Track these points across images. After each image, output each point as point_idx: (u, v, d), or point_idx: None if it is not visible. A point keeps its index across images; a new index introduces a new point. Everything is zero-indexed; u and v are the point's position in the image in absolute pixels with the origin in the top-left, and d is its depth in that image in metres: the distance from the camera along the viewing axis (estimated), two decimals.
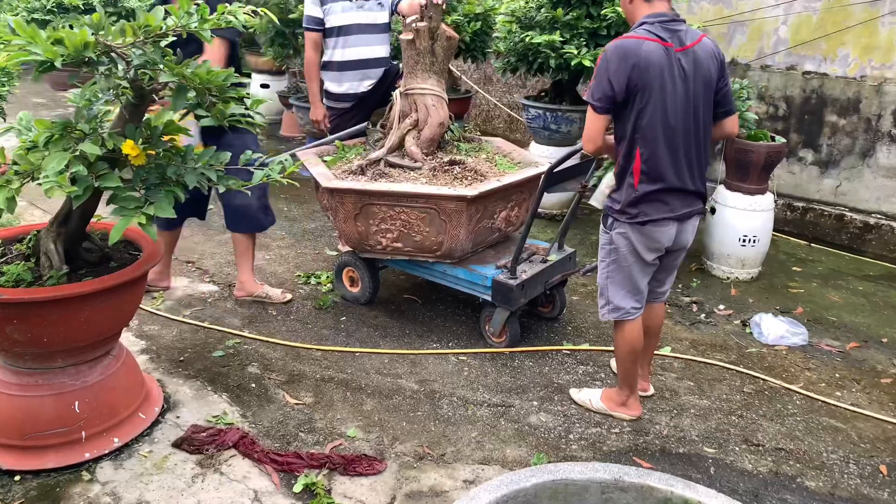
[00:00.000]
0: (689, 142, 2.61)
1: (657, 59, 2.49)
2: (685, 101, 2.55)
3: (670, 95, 2.52)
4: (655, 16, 2.57)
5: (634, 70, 2.48)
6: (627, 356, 2.92)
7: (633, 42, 2.52)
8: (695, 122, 2.59)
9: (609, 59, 2.52)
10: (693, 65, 2.55)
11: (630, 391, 3.02)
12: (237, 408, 3.06)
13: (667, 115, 2.54)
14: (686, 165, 2.63)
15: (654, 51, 2.49)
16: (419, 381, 3.29)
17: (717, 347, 3.70)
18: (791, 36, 5.39)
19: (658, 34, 2.52)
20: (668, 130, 2.56)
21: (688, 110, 2.56)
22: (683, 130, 2.58)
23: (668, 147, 2.58)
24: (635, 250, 2.74)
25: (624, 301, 2.84)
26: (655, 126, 2.54)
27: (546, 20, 4.81)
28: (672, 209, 2.66)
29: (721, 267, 4.55)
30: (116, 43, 2.15)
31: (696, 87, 2.57)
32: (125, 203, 2.32)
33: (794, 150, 5.53)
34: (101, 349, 2.76)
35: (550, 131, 5.29)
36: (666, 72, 2.50)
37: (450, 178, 3.49)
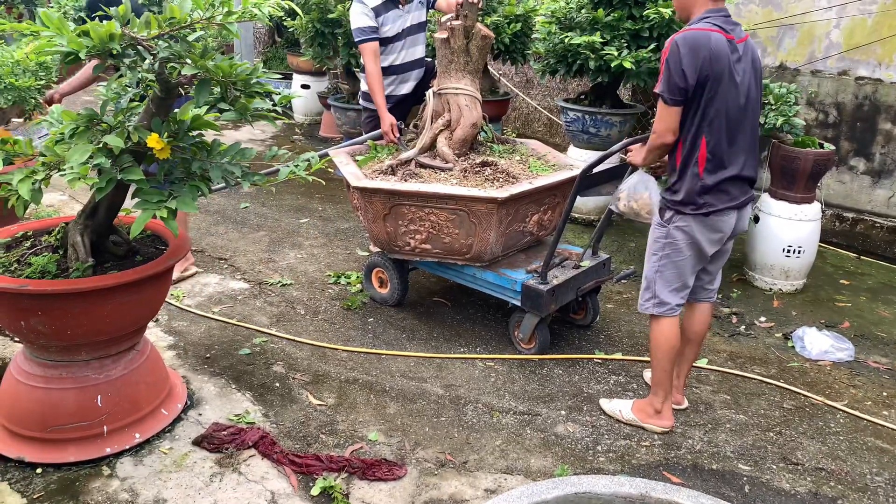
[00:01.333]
0: (747, 130, 2.66)
1: (725, 51, 2.53)
2: (745, 91, 2.60)
3: (735, 86, 2.57)
4: (716, 11, 2.60)
5: (706, 62, 2.50)
6: (666, 355, 2.83)
7: (702, 34, 2.53)
8: (752, 111, 2.66)
9: (681, 51, 2.52)
10: (749, 59, 2.62)
11: (664, 398, 2.90)
12: (259, 407, 3.03)
13: (730, 104, 2.58)
14: (745, 153, 2.66)
15: (722, 42, 2.53)
16: (444, 386, 3.22)
17: (757, 361, 3.55)
18: (844, 40, 5.18)
19: (722, 26, 2.55)
20: (731, 120, 2.60)
21: (747, 100, 2.62)
22: (743, 119, 2.63)
23: (729, 136, 2.61)
24: (695, 243, 2.70)
25: (671, 297, 2.79)
26: (721, 115, 2.58)
27: (587, 21, 4.70)
28: (733, 198, 2.68)
29: (763, 278, 4.38)
30: (142, 35, 2.13)
31: (751, 78, 2.63)
32: (148, 196, 2.30)
33: (844, 159, 5.31)
34: (125, 343, 2.75)
35: (589, 135, 5.17)
36: (732, 63, 2.55)
37: (481, 180, 3.41)
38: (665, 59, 2.56)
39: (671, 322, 2.82)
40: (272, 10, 2.17)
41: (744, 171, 2.67)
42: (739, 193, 2.69)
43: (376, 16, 4.03)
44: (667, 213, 2.75)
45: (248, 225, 5.17)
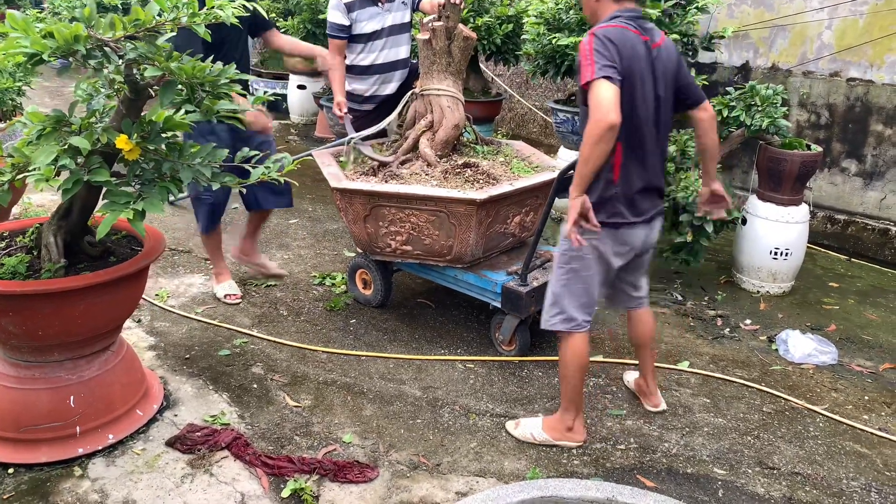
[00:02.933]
0: (657, 139, 2.54)
1: (640, 52, 2.41)
2: (655, 99, 2.48)
3: (652, 89, 2.46)
4: (628, 11, 2.47)
5: (626, 58, 2.36)
6: (577, 372, 2.73)
7: (616, 30, 2.38)
8: (664, 120, 2.54)
9: (604, 40, 2.34)
10: (663, 62, 2.49)
11: (576, 413, 2.79)
12: (236, 408, 3.03)
13: (645, 108, 2.45)
14: (656, 162, 2.57)
15: (637, 42, 2.41)
16: (423, 388, 3.21)
17: (739, 364, 3.53)
18: (836, 41, 5.15)
19: (636, 27, 2.44)
20: (646, 125, 2.48)
21: (657, 108, 2.49)
22: (657, 125, 2.51)
23: (643, 143, 2.49)
24: (603, 256, 2.62)
25: (578, 312, 2.69)
26: (637, 119, 2.43)
27: (575, 22, 4.69)
28: (643, 211, 2.60)
29: (751, 280, 4.36)
30: (107, 37, 2.12)
31: (666, 84, 2.51)
32: (116, 198, 2.30)
33: (836, 160, 5.28)
34: (99, 344, 2.75)
35: (579, 136, 5.11)
36: (645, 65, 2.42)
37: (461, 181, 3.40)
38: (590, 49, 2.33)
39: (581, 338, 2.71)
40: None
41: (654, 181, 2.59)
42: (650, 206, 2.61)
43: (349, 11, 4.05)
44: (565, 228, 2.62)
45: (233, 224, 5.17)
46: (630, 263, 2.76)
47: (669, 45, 2.55)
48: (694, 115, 2.68)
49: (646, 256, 2.83)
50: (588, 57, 2.33)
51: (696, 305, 4.15)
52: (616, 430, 2.96)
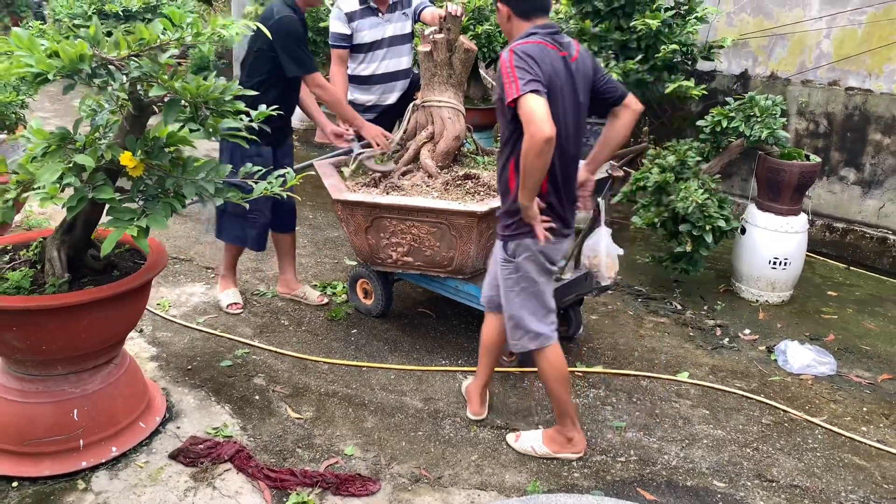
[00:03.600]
0: (574, 152, 2.58)
1: (558, 66, 2.45)
2: (576, 110, 2.52)
3: (570, 104, 2.49)
4: (544, 27, 2.50)
5: (544, 74, 2.38)
6: (559, 384, 2.76)
7: (535, 46, 2.42)
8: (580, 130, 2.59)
9: (525, 56, 2.37)
10: (582, 74, 2.53)
11: (572, 423, 2.82)
12: (238, 420, 3.04)
13: (565, 123, 2.49)
14: (574, 173, 2.62)
15: (556, 57, 2.45)
16: (424, 400, 3.23)
17: (738, 374, 3.55)
18: (834, 50, 5.17)
19: (554, 42, 2.48)
20: (567, 138, 2.51)
21: (578, 119, 2.55)
22: (575, 136, 2.56)
23: (562, 157, 2.51)
24: (542, 266, 2.66)
25: (541, 326, 2.72)
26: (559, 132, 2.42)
27: (575, 32, 4.71)
28: (567, 224, 2.67)
29: (750, 289, 4.38)
30: (112, 55, 2.14)
31: (585, 94, 2.55)
32: (120, 214, 2.32)
33: (834, 169, 5.30)
34: (102, 357, 2.77)
35: None
36: (564, 79, 2.47)
37: (462, 193, 3.42)
38: (511, 65, 2.35)
39: (553, 350, 2.74)
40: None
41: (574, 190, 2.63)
42: (570, 217, 2.67)
43: (350, 21, 4.08)
44: (510, 245, 2.64)
45: None
46: None
47: (585, 54, 2.59)
48: (616, 111, 2.67)
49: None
50: (510, 74, 2.34)
51: (695, 315, 4.17)
52: (616, 442, 2.98)
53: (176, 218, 5.26)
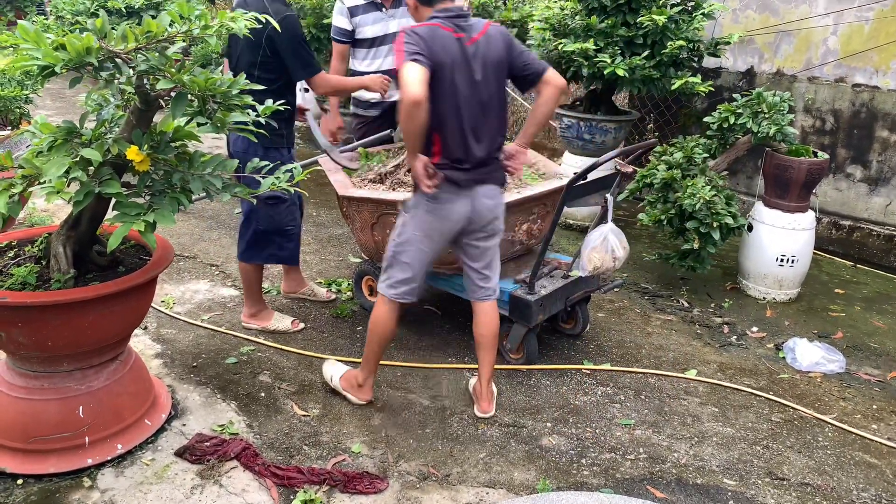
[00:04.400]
0: (482, 117, 2.70)
1: (449, 45, 2.60)
2: (472, 84, 2.64)
3: (463, 78, 2.62)
4: (443, 11, 2.67)
5: (435, 51, 2.55)
6: (378, 338, 2.97)
7: (426, 28, 2.61)
8: (488, 100, 2.69)
9: (414, 35, 2.57)
10: (483, 53, 2.65)
11: (367, 375, 3.06)
12: (244, 417, 3.02)
13: (460, 95, 2.63)
14: (478, 139, 2.71)
15: (448, 38, 2.60)
16: (431, 397, 3.21)
17: (747, 372, 3.52)
18: (841, 47, 5.15)
19: (452, 24, 2.63)
20: (463, 109, 2.65)
21: (476, 91, 2.66)
22: (477, 107, 2.67)
23: (459, 124, 2.66)
24: (427, 231, 2.79)
25: (399, 284, 2.89)
26: (448, 103, 2.62)
27: (580, 28, 4.68)
28: (462, 185, 2.73)
29: (757, 287, 4.36)
30: (119, 48, 2.12)
31: (487, 72, 2.66)
32: (126, 209, 2.30)
33: (841, 166, 5.28)
34: (107, 354, 2.75)
35: (584, 141, 5.15)
36: (457, 56, 2.61)
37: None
38: (401, 42, 2.56)
39: (392, 308, 2.93)
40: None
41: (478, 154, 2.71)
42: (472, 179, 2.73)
43: (352, 16, 4.04)
44: (409, 199, 2.85)
45: None
46: (471, 247, 2.89)
47: (494, 36, 2.69)
48: (539, 88, 2.77)
49: (490, 242, 2.89)
50: (399, 49, 2.56)
51: (702, 312, 4.15)
52: (625, 440, 2.95)
53: (179, 215, 5.27)
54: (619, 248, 3.14)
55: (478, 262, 2.93)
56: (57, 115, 8.43)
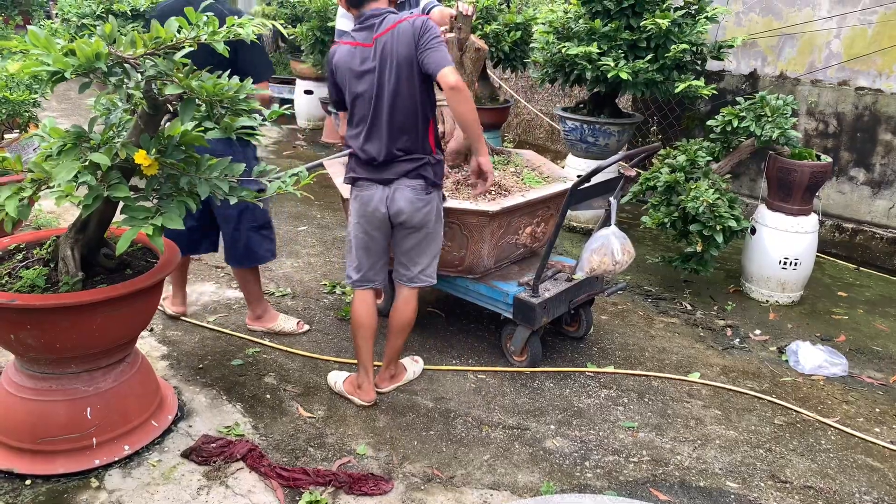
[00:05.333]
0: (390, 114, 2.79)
1: (345, 61, 2.82)
2: (378, 86, 2.77)
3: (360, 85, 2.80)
4: (359, 18, 2.82)
5: (335, 75, 2.88)
6: (354, 330, 3.13)
7: (331, 51, 2.92)
8: (393, 99, 2.77)
9: (328, 74, 2.96)
10: (388, 49, 2.73)
11: (363, 374, 3.14)
12: (250, 419, 3.04)
13: (364, 101, 2.82)
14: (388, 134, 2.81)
15: (344, 55, 2.83)
16: (435, 399, 3.23)
17: (750, 375, 3.54)
18: (844, 50, 5.16)
19: (352, 37, 2.82)
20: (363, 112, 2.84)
21: (381, 94, 2.78)
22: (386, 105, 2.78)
23: (365, 126, 2.84)
24: (358, 221, 2.98)
25: (352, 272, 3.08)
26: (357, 112, 2.86)
27: (584, 31, 4.70)
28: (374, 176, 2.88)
29: (760, 290, 4.37)
30: (128, 54, 2.14)
31: (390, 68, 2.74)
32: (135, 213, 2.32)
33: (844, 169, 5.29)
34: (115, 356, 2.77)
35: (587, 144, 5.17)
36: (354, 68, 2.79)
37: (473, 192, 3.41)
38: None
39: (357, 296, 3.10)
40: (256, 29, 2.18)
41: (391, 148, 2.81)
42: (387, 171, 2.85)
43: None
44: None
45: None
46: (398, 237, 2.98)
47: (404, 29, 2.72)
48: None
49: (413, 238, 2.96)
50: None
51: (705, 315, 4.16)
52: (628, 442, 2.97)
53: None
54: (619, 252, 3.15)
55: (401, 253, 3.03)
56: (62, 116, 8.47)
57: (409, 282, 3.06)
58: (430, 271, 3.06)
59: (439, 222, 3.00)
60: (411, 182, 2.85)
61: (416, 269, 3.04)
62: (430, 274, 3.07)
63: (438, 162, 2.92)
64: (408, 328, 3.15)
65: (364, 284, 3.07)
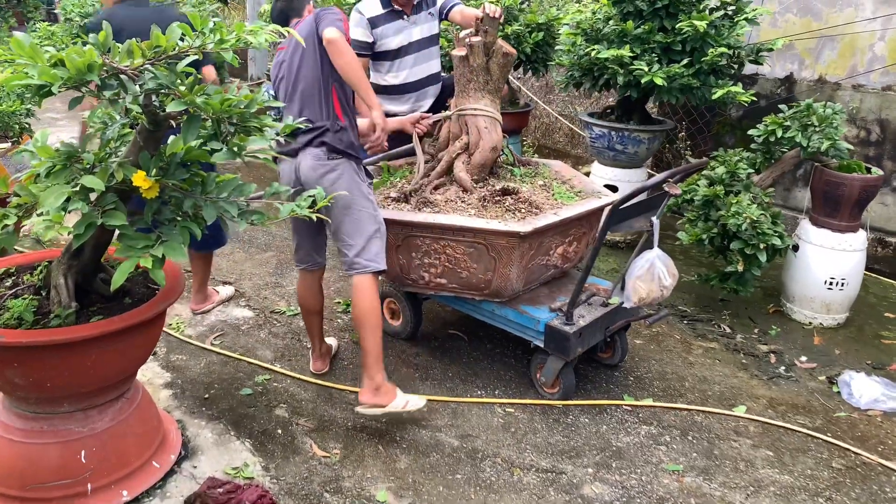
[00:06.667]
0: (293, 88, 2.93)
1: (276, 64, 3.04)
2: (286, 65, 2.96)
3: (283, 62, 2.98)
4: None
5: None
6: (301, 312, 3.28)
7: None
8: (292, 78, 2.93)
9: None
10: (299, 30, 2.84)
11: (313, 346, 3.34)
12: (259, 458, 2.79)
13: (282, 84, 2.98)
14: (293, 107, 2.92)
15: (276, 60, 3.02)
16: (460, 436, 2.97)
17: (800, 409, 3.26)
18: (889, 53, 4.86)
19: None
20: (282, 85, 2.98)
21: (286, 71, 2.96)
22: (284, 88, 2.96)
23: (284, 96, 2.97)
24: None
25: (295, 249, 3.19)
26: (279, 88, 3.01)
27: (614, 33, 4.42)
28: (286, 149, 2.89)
29: (803, 311, 4.08)
30: (124, 65, 1.89)
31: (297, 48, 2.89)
32: (132, 242, 2.07)
33: (888, 179, 4.99)
34: (112, 393, 2.53)
35: (616, 152, 4.89)
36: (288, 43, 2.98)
37: (501, 210, 3.15)
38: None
39: (299, 277, 3.22)
40: (269, 37, 1.92)
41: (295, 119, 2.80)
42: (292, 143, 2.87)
43: (373, 27, 3.77)
44: None
45: (255, 245, 4.94)
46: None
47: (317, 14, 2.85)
48: None
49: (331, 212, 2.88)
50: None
51: (746, 339, 3.88)
52: (674, 488, 2.70)
53: None
54: (666, 276, 2.89)
55: (332, 235, 3.00)
56: (65, 118, 8.24)
57: (350, 268, 2.95)
58: (368, 255, 2.91)
59: (359, 197, 2.89)
60: (314, 150, 2.88)
61: (351, 253, 2.91)
62: (371, 258, 2.91)
63: (342, 129, 2.90)
64: (368, 324, 2.91)
65: (300, 265, 3.17)
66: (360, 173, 2.95)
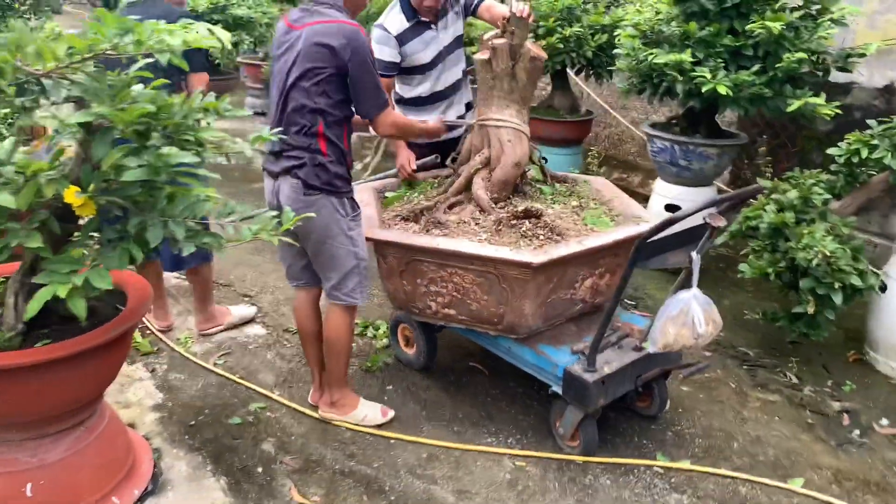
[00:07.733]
0: (282, 106, 2.67)
1: (278, 37, 2.73)
2: (283, 71, 2.66)
3: (274, 71, 2.72)
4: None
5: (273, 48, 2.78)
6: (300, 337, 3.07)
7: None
8: (284, 89, 2.65)
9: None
10: (302, 41, 2.59)
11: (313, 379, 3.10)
12: (231, 499, 2.53)
13: (275, 81, 2.71)
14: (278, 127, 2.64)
15: (279, 29, 2.74)
16: (457, 492, 2.61)
17: (873, 487, 2.71)
18: None
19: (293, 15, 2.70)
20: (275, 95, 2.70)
21: (280, 80, 2.67)
22: (278, 96, 2.68)
23: (273, 112, 2.73)
24: None
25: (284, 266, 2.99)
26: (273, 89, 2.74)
27: (676, 36, 3.94)
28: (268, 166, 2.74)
29: (889, 362, 3.48)
30: (36, 68, 1.65)
31: (296, 60, 2.61)
32: (55, 266, 1.83)
33: None
34: (68, 421, 2.32)
35: (679, 168, 4.39)
36: (277, 46, 2.72)
37: (515, 236, 2.76)
38: None
39: (296, 299, 2.98)
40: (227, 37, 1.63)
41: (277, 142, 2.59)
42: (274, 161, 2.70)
43: (401, 44, 3.37)
44: None
45: None
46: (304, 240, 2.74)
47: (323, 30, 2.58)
48: None
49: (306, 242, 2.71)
50: None
51: (815, 392, 3.32)
52: None
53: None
54: (702, 323, 2.43)
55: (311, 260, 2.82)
56: None
57: (328, 295, 2.84)
58: (345, 289, 2.77)
59: (337, 234, 2.68)
60: (291, 181, 2.66)
61: (328, 284, 2.81)
62: (347, 293, 2.78)
63: (320, 164, 2.62)
64: (334, 350, 2.88)
65: (293, 282, 2.98)
66: (341, 208, 2.68)
